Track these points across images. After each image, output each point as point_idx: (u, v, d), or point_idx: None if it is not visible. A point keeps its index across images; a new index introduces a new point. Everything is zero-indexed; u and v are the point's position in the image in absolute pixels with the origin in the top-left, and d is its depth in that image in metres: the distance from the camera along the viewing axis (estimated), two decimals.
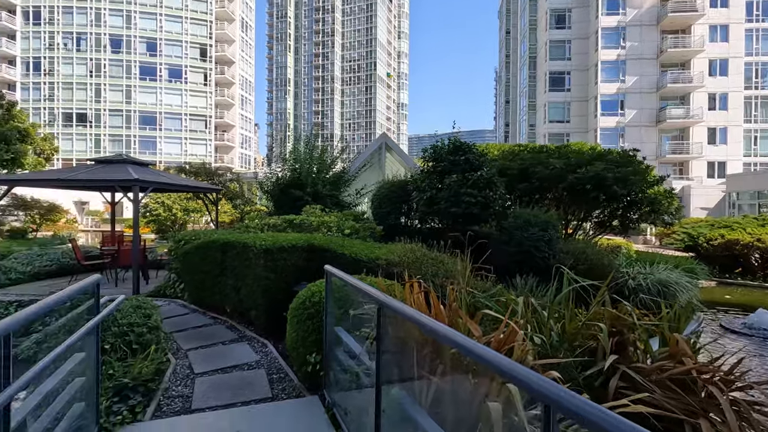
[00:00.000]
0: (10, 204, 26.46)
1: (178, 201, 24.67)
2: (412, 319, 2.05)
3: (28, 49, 51.59)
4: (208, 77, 54.69)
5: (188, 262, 7.18)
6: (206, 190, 11.49)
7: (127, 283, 9.62)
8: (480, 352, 1.58)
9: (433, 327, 1.83)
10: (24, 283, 9.37)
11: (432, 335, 2.02)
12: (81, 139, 51.30)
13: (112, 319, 4.34)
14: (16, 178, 8.88)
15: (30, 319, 2.02)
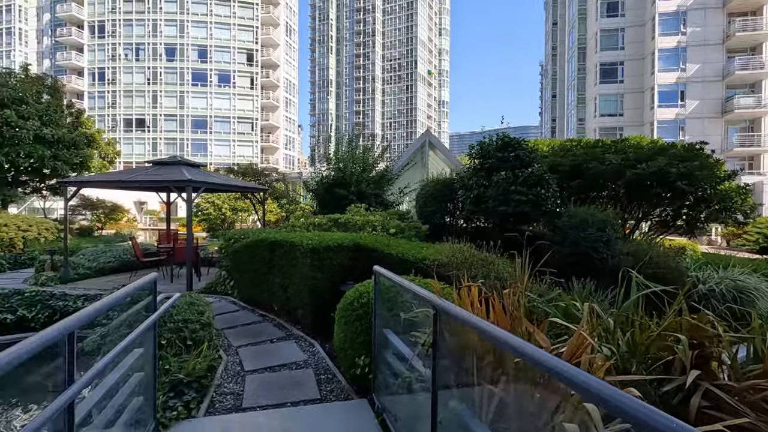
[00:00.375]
0: (79, 204, 28.67)
1: (227, 201, 25.67)
2: (475, 327, 1.89)
3: (93, 60, 55.73)
4: (254, 81, 56.61)
5: (238, 260, 7.36)
6: (253, 189, 11.80)
7: (181, 279, 10.05)
8: (561, 368, 1.40)
9: (503, 338, 1.66)
10: (90, 278, 10.03)
11: (499, 345, 1.85)
12: (140, 143, 54.75)
13: (168, 315, 4.48)
14: (84, 180, 9.52)
15: (92, 317, 2.05)
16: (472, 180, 8.13)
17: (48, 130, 24.88)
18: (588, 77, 45.51)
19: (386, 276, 3.53)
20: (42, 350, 1.68)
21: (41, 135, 24.49)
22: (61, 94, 28.29)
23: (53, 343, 1.72)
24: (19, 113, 23.89)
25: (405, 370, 3.16)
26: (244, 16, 56.21)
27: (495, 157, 7.78)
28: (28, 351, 1.62)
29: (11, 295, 7.03)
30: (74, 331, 1.87)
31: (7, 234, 16.19)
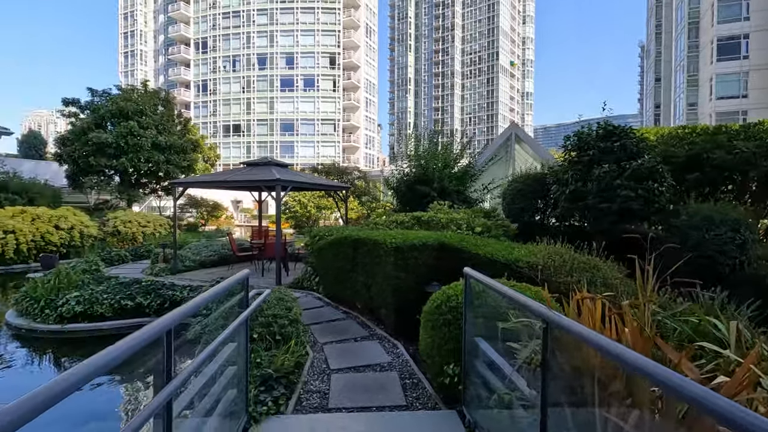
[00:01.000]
0: (187, 203, 32.04)
1: (312, 199, 26.88)
2: (607, 351, 1.53)
3: (198, 74, 62.14)
4: (336, 83, 58.73)
5: (322, 257, 7.50)
6: (336, 187, 12.07)
7: (271, 273, 10.61)
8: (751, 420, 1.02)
9: (651, 370, 1.30)
10: (194, 270, 11.04)
11: (646, 376, 1.47)
12: (236, 146, 59.86)
13: (259, 310, 4.63)
14: (188, 181, 10.47)
15: (188, 314, 2.07)
16: (568, 174, 7.39)
17: (162, 137, 28.17)
18: (702, 55, 39.88)
19: (479, 279, 3.23)
20: (143, 347, 1.70)
21: (157, 142, 27.80)
22: (172, 106, 31.89)
23: (153, 341, 1.73)
24: (140, 124, 27.35)
25: (502, 385, 2.84)
26: (327, 22, 58.55)
27: (596, 148, 6.97)
28: (130, 347, 1.63)
29: (131, 283, 7.93)
30: (171, 328, 1.88)
31: (131, 229, 18.59)
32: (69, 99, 28.04)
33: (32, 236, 14.42)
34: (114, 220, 18.65)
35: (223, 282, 2.84)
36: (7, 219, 14.20)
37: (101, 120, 27.40)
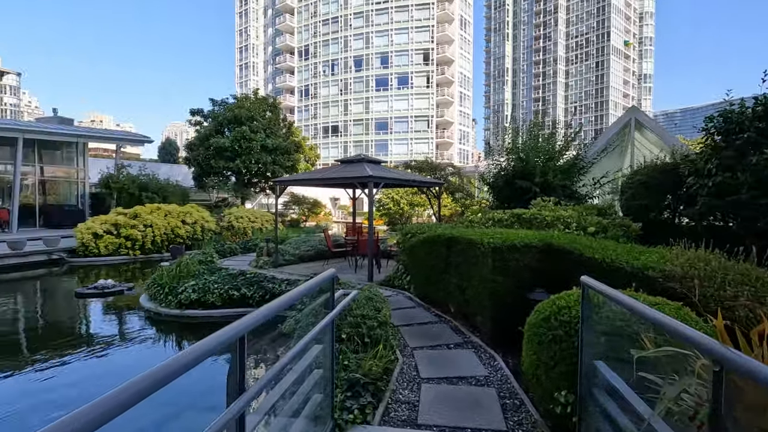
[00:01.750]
0: (290, 200, 34.42)
1: (405, 196, 26.92)
2: None
3: (301, 80, 66.59)
4: (429, 79, 58.29)
5: (414, 255, 7.22)
6: (429, 184, 11.72)
7: (363, 270, 10.67)
8: None
9: None
10: (294, 264, 11.60)
11: None
12: (334, 146, 62.90)
13: (347, 309, 4.49)
14: (288, 179, 11.00)
15: (267, 317, 1.89)
16: (710, 163, 6.06)
17: (270, 140, 30.58)
18: None
19: (601, 291, 2.63)
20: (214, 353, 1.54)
21: (265, 144, 30.26)
22: (278, 110, 34.47)
23: (225, 346, 1.58)
24: (251, 128, 30.03)
25: (636, 430, 2.23)
26: (420, 18, 58.37)
27: (753, 130, 5.58)
28: (204, 352, 1.49)
29: (238, 275, 8.53)
30: (244, 334, 1.72)
31: (242, 224, 20.43)
32: (195, 109, 31.88)
33: (165, 229, 16.59)
34: (228, 216, 20.69)
35: (307, 283, 2.68)
36: (147, 214, 16.51)
37: (220, 126, 30.67)
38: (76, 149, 24.28)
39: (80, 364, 6.11)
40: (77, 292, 9.74)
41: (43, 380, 5.50)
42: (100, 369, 6.06)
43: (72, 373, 5.83)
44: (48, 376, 5.63)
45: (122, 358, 6.47)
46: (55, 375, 5.71)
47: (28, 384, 5.45)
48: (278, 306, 2.03)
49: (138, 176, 23.28)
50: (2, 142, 20.07)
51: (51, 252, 14.54)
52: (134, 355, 6.60)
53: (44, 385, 5.36)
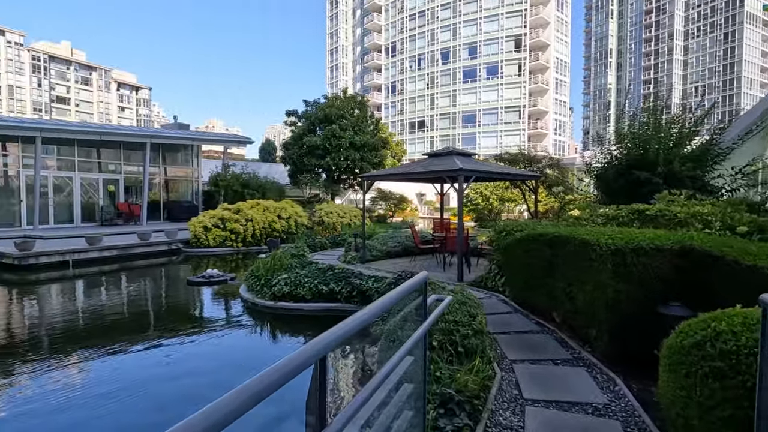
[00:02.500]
0: (377, 196, 34.93)
1: (495, 190, 25.64)
2: None
3: (388, 77, 67.35)
4: (522, 67, 54.97)
5: (510, 255, 6.56)
6: (525, 177, 10.78)
7: (452, 268, 10.16)
8: None
9: None
10: (380, 259, 11.51)
11: None
12: (420, 141, 62.62)
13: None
14: (374, 174, 10.91)
15: (348, 333, 1.59)
16: None
17: (358, 137, 31.30)
18: None
19: None
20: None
21: (353, 141, 31.04)
22: (366, 108, 35.12)
23: (299, 371, 1.29)
24: (340, 126, 31.01)
25: None
26: (512, 3, 55.22)
27: None
28: (273, 382, 1.21)
29: (326, 270, 8.63)
30: (325, 355, 1.43)
31: (331, 219, 21.10)
32: (290, 111, 33.83)
33: (263, 223, 17.74)
34: (319, 212, 21.52)
35: (397, 289, 2.34)
36: (248, 209, 17.80)
37: (312, 126, 32.16)
38: (191, 151, 27.24)
39: (191, 343, 6.65)
40: (189, 279, 10.72)
41: (165, 355, 6.19)
42: (205, 348, 6.56)
43: (183, 348, 6.44)
44: (168, 352, 6.32)
45: (223, 341, 6.88)
46: (172, 351, 6.26)
47: (153, 355, 6.08)
48: (363, 319, 1.71)
49: (241, 174, 25.32)
50: (134, 147, 23.21)
51: (170, 243, 16.37)
52: (232, 340, 6.97)
53: (162, 359, 5.91)
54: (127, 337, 7.03)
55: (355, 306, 7.74)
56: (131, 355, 6.26)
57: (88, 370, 5.71)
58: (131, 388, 5.10)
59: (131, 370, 5.77)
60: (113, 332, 7.43)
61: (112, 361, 6.00)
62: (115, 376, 5.49)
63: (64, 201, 21.16)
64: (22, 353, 6.30)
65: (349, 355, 6.09)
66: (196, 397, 4.71)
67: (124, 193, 23.61)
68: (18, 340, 7.05)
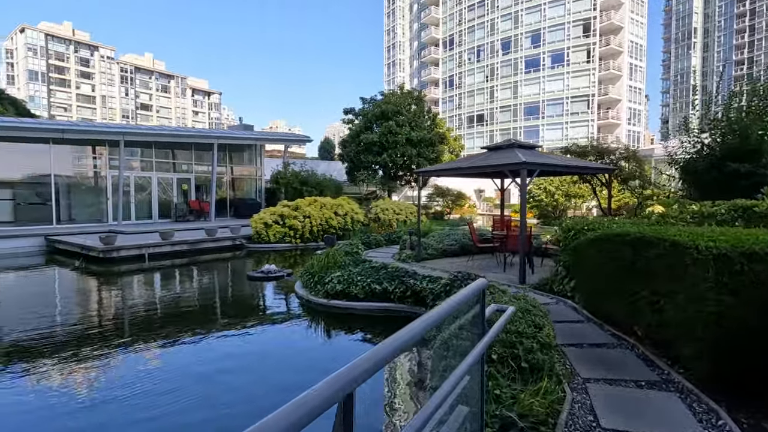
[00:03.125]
0: (434, 192, 34.32)
1: (560, 186, 24.06)
2: None
3: (446, 71, 66.06)
4: (591, 53, 51.21)
5: (581, 256, 5.89)
6: (598, 170, 9.80)
7: (513, 269, 9.51)
8: None
9: None
10: (436, 258, 11.09)
11: None
12: (479, 136, 60.75)
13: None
14: (430, 169, 10.50)
15: (380, 364, 1.27)
16: None
17: (414, 133, 30.90)
18: None
19: None
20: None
21: (410, 137, 30.68)
22: (423, 103, 34.57)
23: (316, 414, 1.01)
24: (397, 122, 30.78)
25: None
26: None
27: None
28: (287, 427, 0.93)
29: (380, 268, 8.40)
30: (353, 391, 1.13)
31: (387, 216, 20.95)
32: (347, 108, 34.17)
33: (320, 220, 18.00)
34: (375, 208, 21.46)
35: (449, 301, 1.98)
36: (306, 206, 18.16)
37: (369, 123, 32.26)
38: (255, 151, 28.45)
39: (250, 335, 6.77)
40: (248, 275, 11.04)
41: (226, 345, 6.37)
42: (265, 337, 6.73)
43: (244, 339, 6.60)
44: (230, 343, 6.51)
45: (273, 336, 6.93)
46: (222, 345, 6.36)
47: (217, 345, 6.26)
48: (398, 345, 1.38)
49: (299, 172, 25.99)
50: (203, 148, 24.66)
51: (234, 238, 17.12)
52: (282, 336, 6.99)
53: (225, 350, 6.03)
54: (187, 327, 7.30)
55: (409, 307, 7.44)
56: (184, 346, 6.48)
57: (149, 357, 5.98)
58: (177, 378, 5.28)
59: (181, 360, 5.97)
60: (180, 321, 7.77)
61: (167, 351, 6.26)
62: (168, 364, 5.74)
63: (144, 199, 23.00)
64: (118, 335, 6.78)
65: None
66: (240, 389, 5.01)
67: (195, 192, 25.20)
68: (105, 324, 7.59)
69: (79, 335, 6.96)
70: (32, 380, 5.21)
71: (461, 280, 6.40)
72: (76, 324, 7.72)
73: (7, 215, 19.67)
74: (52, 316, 8.29)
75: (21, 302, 9.73)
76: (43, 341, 6.61)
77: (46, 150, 19.13)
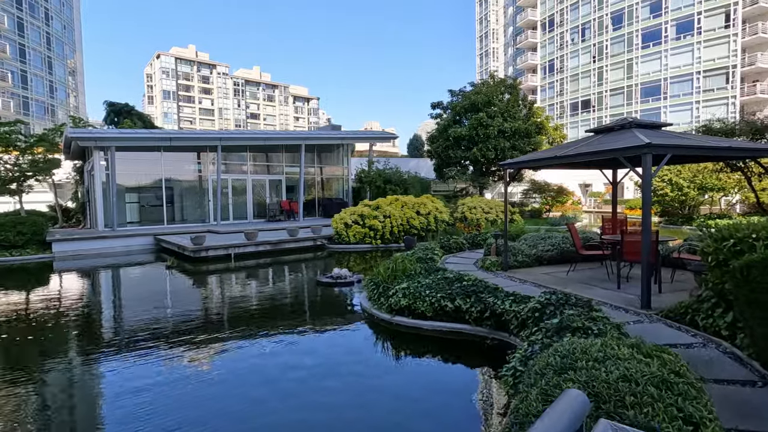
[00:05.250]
0: (530, 188, 31.25)
1: (694, 176, 19.78)
2: None
3: (545, 55, 60.62)
4: (731, 16, 42.45)
5: (749, 281, 3.88)
6: (760, 153, 7.15)
7: (632, 283, 7.40)
8: None
9: None
10: (528, 266, 9.29)
11: None
12: (584, 124, 54.47)
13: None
14: (518, 160, 8.74)
15: None
16: None
17: (507, 124, 28.32)
18: None
19: None
20: None
21: (503, 129, 28.19)
22: (517, 91, 31.62)
23: None
24: (488, 114, 28.49)
25: None
26: None
27: None
28: None
29: (454, 280, 7.01)
30: None
31: (475, 215, 19.16)
32: (435, 102, 32.70)
33: (401, 220, 16.99)
34: (462, 207, 19.81)
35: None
36: (386, 206, 17.31)
37: (457, 116, 30.46)
38: (342, 151, 28.60)
39: (297, 345, 5.95)
40: (317, 280, 10.43)
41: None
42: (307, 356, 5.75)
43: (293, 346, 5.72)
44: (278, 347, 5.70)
45: (326, 353, 5.97)
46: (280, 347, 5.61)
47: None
48: None
49: (384, 170, 25.31)
50: (293, 150, 25.32)
51: (315, 239, 16.97)
52: (335, 354, 6.01)
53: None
54: (214, 337, 6.75)
55: (488, 331, 5.97)
56: (190, 364, 5.84)
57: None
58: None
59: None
60: (216, 329, 7.29)
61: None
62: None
63: (240, 200, 24.38)
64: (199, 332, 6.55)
65: None
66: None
67: (286, 192, 26.08)
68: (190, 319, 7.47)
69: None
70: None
71: (556, 305, 4.78)
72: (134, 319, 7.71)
73: (136, 216, 22.32)
74: (125, 310, 8.50)
75: (103, 296, 10.38)
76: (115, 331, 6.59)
77: (159, 157, 21.19)
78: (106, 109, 32.26)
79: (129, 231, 18.70)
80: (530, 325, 4.85)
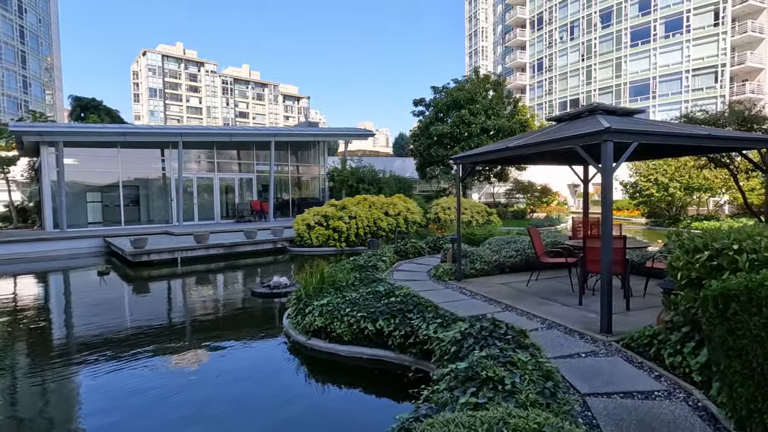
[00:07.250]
0: (513, 188, 30.20)
1: (677, 175, 18.80)
2: None
3: (533, 54, 59.77)
4: (719, 13, 41.78)
5: (726, 319, 2.73)
6: (747, 143, 6.04)
7: (598, 296, 6.26)
8: None
9: None
10: (486, 275, 8.15)
11: None
12: None
13: None
14: (466, 155, 7.59)
15: None
16: None
17: (491, 122, 27.25)
18: None
19: None
20: None
21: (485, 127, 27.12)
22: (502, 88, 30.57)
23: None
24: (470, 111, 27.40)
25: None
26: None
27: None
28: None
29: (384, 295, 5.82)
30: None
31: (449, 216, 18.04)
32: (417, 99, 31.57)
33: (367, 221, 15.81)
34: (435, 207, 18.69)
35: None
36: (353, 206, 16.12)
37: (440, 113, 29.33)
38: (318, 149, 27.35)
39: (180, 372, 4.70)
40: (252, 290, 9.21)
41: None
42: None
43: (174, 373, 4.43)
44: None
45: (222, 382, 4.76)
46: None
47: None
48: None
49: (357, 169, 24.10)
50: (264, 147, 24.00)
51: (275, 241, 15.73)
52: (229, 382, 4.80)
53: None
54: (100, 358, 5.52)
55: (413, 359, 4.80)
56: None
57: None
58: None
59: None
60: (104, 347, 6.04)
61: None
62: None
63: (207, 200, 23.05)
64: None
65: None
66: None
67: (260, 192, 24.77)
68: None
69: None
70: None
71: (477, 338, 3.61)
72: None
73: (99, 216, 20.98)
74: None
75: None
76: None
77: (117, 154, 19.83)
78: (71, 103, 30.77)
79: (76, 233, 17.33)
80: (446, 363, 3.68)
